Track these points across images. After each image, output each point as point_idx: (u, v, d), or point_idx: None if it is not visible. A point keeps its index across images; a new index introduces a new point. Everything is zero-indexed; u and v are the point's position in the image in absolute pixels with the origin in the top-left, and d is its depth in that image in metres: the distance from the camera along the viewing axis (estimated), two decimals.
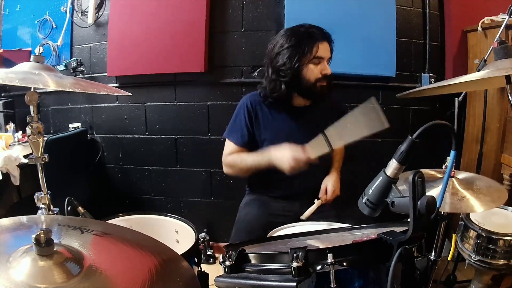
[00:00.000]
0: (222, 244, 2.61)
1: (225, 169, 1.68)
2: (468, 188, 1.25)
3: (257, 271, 0.87)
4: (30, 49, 2.74)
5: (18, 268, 0.61)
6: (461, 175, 1.35)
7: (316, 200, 1.61)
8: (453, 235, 1.52)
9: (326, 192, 1.63)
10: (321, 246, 1.04)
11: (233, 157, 1.64)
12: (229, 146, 1.67)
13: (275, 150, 1.46)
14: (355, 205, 0.93)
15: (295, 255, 0.78)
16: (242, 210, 1.72)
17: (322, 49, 1.53)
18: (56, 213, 1.12)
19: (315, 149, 1.38)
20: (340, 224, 1.39)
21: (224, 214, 2.55)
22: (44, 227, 0.77)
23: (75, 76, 2.57)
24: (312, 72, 1.53)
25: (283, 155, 1.41)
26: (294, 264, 0.78)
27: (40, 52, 1.17)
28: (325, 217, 1.52)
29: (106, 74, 2.59)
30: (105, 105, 2.70)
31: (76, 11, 2.63)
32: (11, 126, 2.45)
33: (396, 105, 2.45)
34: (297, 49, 1.52)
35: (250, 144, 1.65)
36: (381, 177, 0.87)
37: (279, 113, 1.65)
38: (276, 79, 1.57)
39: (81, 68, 2.61)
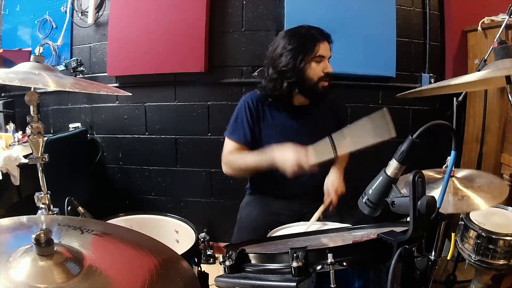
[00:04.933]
0: (222, 244, 2.61)
1: (224, 168, 1.65)
2: (468, 186, 1.25)
3: (257, 271, 0.87)
4: (30, 49, 2.74)
5: (18, 268, 0.61)
6: (461, 173, 1.35)
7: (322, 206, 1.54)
8: (452, 234, 1.52)
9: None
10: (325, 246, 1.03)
11: (234, 156, 1.61)
12: (229, 144, 1.65)
13: (279, 151, 1.41)
14: (355, 205, 0.93)
15: (295, 255, 0.78)
16: (244, 210, 1.72)
17: (323, 48, 1.56)
18: (56, 213, 1.12)
19: (319, 153, 1.33)
20: (340, 224, 1.39)
21: (224, 214, 2.56)
22: (44, 227, 0.77)
23: (75, 76, 2.57)
24: (315, 70, 1.56)
25: (287, 157, 1.37)
26: (294, 264, 0.77)
27: (40, 52, 1.17)
28: (325, 217, 1.52)
29: (106, 74, 2.59)
30: (105, 105, 2.70)
31: (76, 11, 2.63)
32: (11, 126, 2.46)
33: (396, 105, 2.44)
34: (300, 49, 1.54)
35: (252, 142, 1.64)
36: (381, 177, 0.87)
37: (280, 112, 1.66)
38: (277, 78, 1.58)
39: (81, 68, 2.62)
